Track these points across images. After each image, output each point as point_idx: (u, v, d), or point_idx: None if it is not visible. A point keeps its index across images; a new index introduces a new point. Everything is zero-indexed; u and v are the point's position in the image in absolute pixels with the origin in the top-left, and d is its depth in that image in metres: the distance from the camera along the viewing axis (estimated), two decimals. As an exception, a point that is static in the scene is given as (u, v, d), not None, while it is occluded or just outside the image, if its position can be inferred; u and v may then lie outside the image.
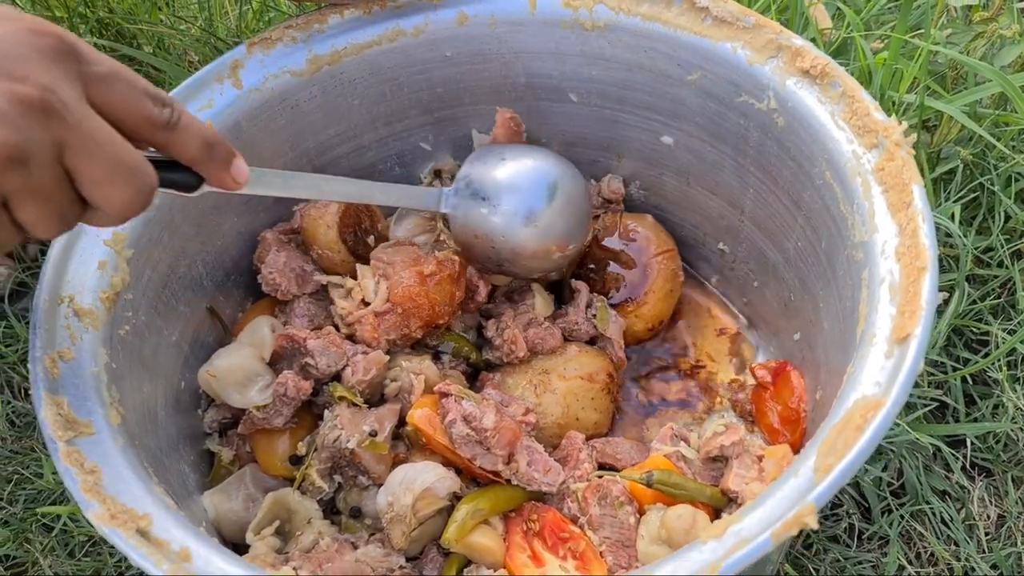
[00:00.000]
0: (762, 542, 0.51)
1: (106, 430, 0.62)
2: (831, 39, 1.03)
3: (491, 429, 0.75)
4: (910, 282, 0.61)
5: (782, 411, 0.85)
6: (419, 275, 0.82)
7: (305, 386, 0.79)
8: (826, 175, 0.73)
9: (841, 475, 0.52)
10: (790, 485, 0.54)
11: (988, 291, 0.94)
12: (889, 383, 0.57)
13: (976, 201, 0.98)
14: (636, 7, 0.83)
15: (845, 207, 0.71)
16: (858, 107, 0.71)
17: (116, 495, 0.57)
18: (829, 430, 0.56)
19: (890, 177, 0.67)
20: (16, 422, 0.97)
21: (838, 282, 0.74)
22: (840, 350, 0.73)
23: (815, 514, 0.51)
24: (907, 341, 0.58)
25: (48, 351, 0.64)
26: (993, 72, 0.89)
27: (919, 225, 0.63)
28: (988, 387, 0.93)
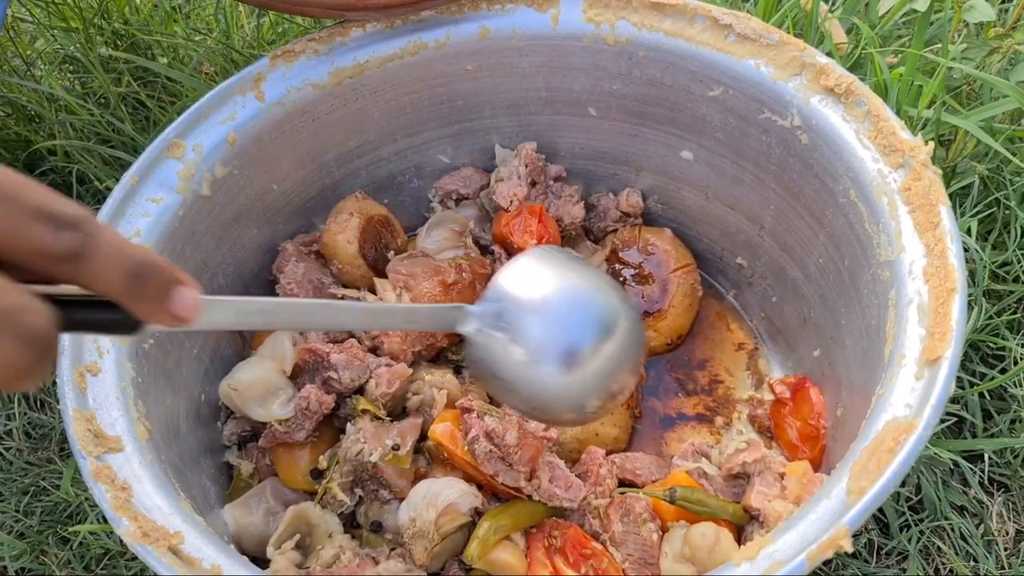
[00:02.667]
0: (797, 565, 0.51)
1: (134, 445, 0.62)
2: (846, 54, 1.03)
3: (514, 445, 0.75)
4: (939, 304, 0.61)
5: (801, 427, 0.85)
6: (442, 284, 0.83)
7: (328, 400, 0.79)
8: (851, 193, 0.73)
9: (875, 498, 0.52)
10: (823, 507, 0.54)
11: (1005, 306, 0.94)
12: (920, 405, 0.57)
13: (992, 216, 0.98)
14: (659, 23, 0.84)
15: (870, 226, 0.71)
16: (883, 126, 0.71)
17: (147, 512, 0.57)
18: (861, 452, 0.56)
19: (917, 197, 0.67)
20: (32, 433, 0.97)
21: (862, 301, 0.74)
22: (863, 368, 0.73)
23: (849, 537, 0.51)
24: (938, 363, 0.58)
25: (76, 365, 0.64)
26: (1010, 88, 0.90)
27: (947, 246, 0.63)
28: (1005, 402, 0.92)
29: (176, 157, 0.78)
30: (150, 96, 1.13)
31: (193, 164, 0.79)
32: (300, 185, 0.90)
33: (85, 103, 1.11)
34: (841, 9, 1.09)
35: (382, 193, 0.96)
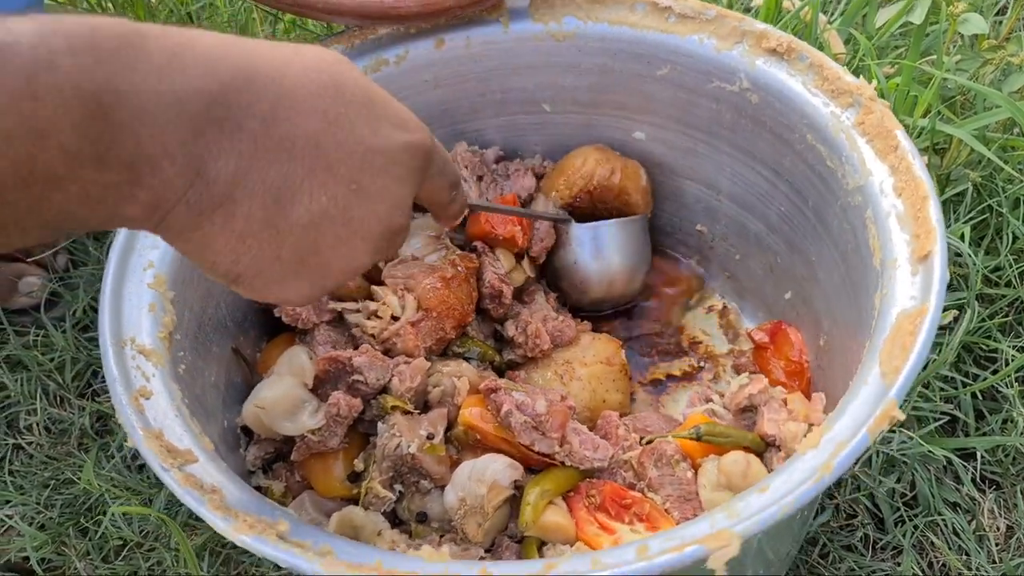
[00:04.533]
0: (860, 440, 0.57)
1: (205, 456, 0.63)
2: (843, 63, 1.10)
3: (544, 414, 0.79)
4: (916, 211, 0.69)
5: (786, 365, 0.92)
6: (442, 280, 0.87)
7: (356, 403, 0.81)
8: (807, 139, 0.81)
9: (911, 370, 0.59)
10: (864, 392, 0.61)
11: (997, 309, 1.02)
12: (924, 294, 0.64)
13: (985, 222, 1.06)
14: (602, 14, 0.91)
15: (832, 162, 0.79)
16: (828, 73, 0.80)
17: (245, 510, 0.58)
18: (882, 342, 0.63)
19: (872, 128, 0.76)
20: (52, 428, 1.00)
21: (832, 232, 0.82)
22: (845, 292, 0.81)
23: (899, 408, 0.58)
24: (929, 258, 0.66)
25: (130, 390, 0.65)
26: (1002, 98, 0.97)
27: (911, 162, 0.72)
28: (997, 402, 1.00)
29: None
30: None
31: (189, 195, 0.80)
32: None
33: None
34: (840, 20, 1.16)
35: (355, 211, 0.99)
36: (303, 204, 0.49)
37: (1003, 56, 1.02)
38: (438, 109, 0.97)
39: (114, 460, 0.95)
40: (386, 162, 0.52)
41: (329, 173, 0.50)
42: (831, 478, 0.56)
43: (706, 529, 0.56)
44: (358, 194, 0.51)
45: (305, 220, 0.50)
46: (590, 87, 0.95)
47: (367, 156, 0.51)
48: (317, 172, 0.49)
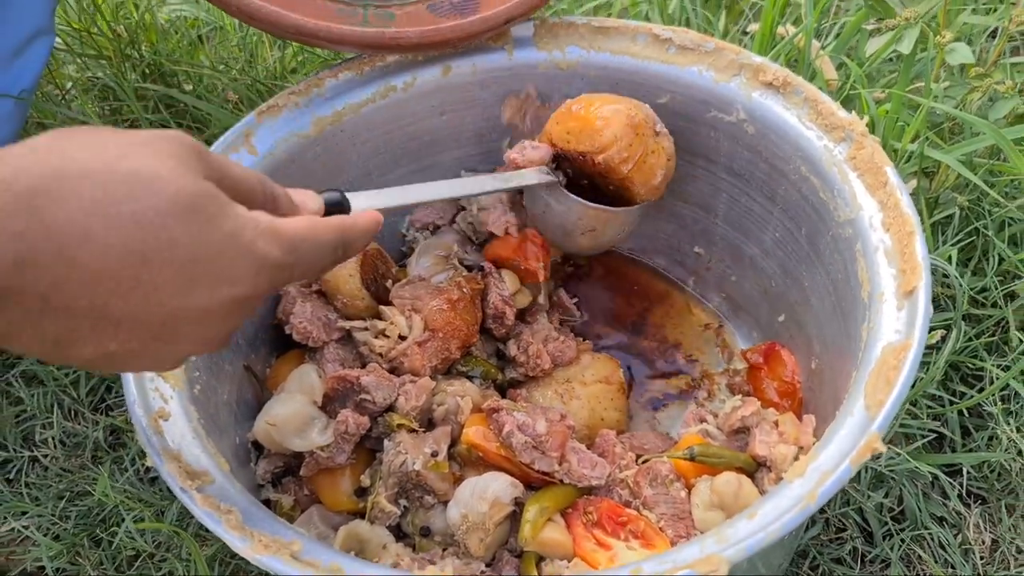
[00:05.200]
0: (843, 471, 0.60)
1: (221, 476, 0.66)
2: (835, 90, 1.12)
3: (544, 434, 0.82)
4: (903, 246, 0.72)
5: (779, 386, 0.95)
6: (448, 302, 0.90)
7: (364, 421, 0.84)
8: (801, 170, 0.84)
9: (893, 404, 0.62)
10: (849, 423, 0.64)
11: (983, 329, 1.05)
12: (909, 329, 0.67)
13: (972, 244, 1.09)
14: (605, 44, 0.94)
15: (825, 194, 0.82)
16: (822, 108, 0.83)
17: (260, 529, 0.61)
18: (867, 375, 0.66)
19: (863, 163, 0.79)
20: (66, 442, 1.03)
21: (824, 260, 0.85)
22: (835, 319, 0.84)
23: (881, 441, 0.61)
24: (914, 293, 0.69)
25: (149, 412, 0.68)
26: (987, 126, 1.00)
27: (899, 198, 0.75)
28: (983, 420, 1.02)
29: (187, 215, 0.83)
30: (179, 124, 1.17)
31: (204, 220, 0.83)
32: (292, 231, 0.95)
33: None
34: (833, 46, 1.19)
35: (363, 231, 1.02)
36: (88, 349, 0.49)
37: (989, 84, 1.04)
38: (443, 134, 1.00)
39: (127, 474, 0.99)
40: (198, 316, 0.51)
41: (119, 328, 0.49)
42: (815, 506, 0.59)
43: (696, 554, 0.59)
44: (159, 339, 0.51)
45: (94, 357, 0.50)
46: (592, 113, 0.98)
47: (169, 317, 0.50)
48: (105, 328, 0.48)
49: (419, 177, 1.03)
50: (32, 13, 0.90)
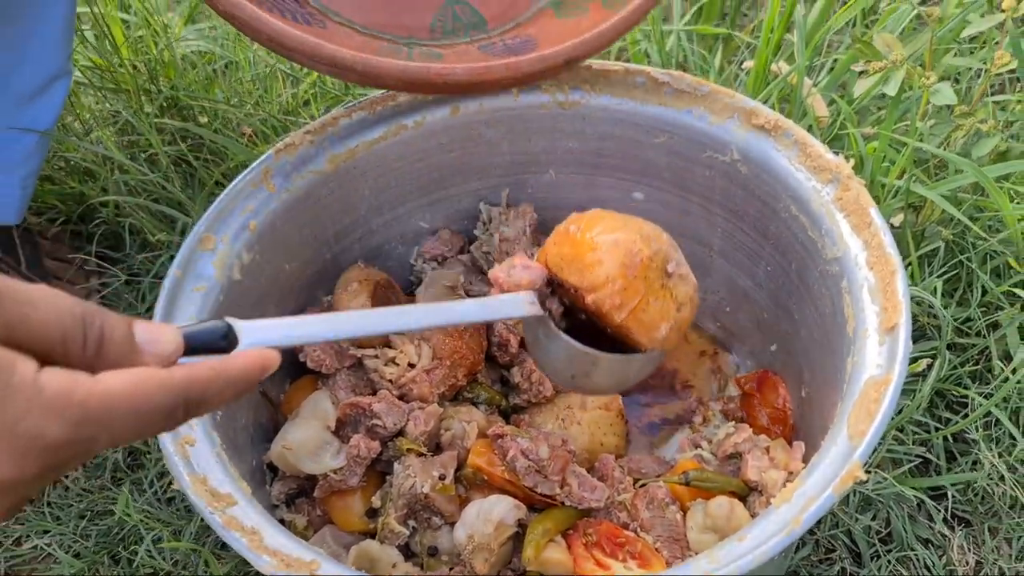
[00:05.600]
0: (827, 497, 0.64)
1: (244, 499, 0.70)
2: (826, 127, 1.16)
3: (547, 459, 0.86)
4: (885, 284, 0.77)
5: (770, 413, 0.99)
6: (455, 332, 0.94)
7: (374, 446, 0.88)
8: (791, 209, 0.89)
9: (874, 435, 0.67)
10: (832, 453, 0.68)
11: (968, 358, 1.09)
12: (890, 363, 0.72)
13: (957, 275, 1.13)
14: (607, 88, 0.98)
15: (813, 233, 0.87)
16: (811, 151, 0.88)
17: (280, 549, 0.65)
18: (851, 406, 0.71)
19: (849, 204, 0.83)
20: (87, 463, 1.08)
21: (812, 295, 0.90)
22: (823, 350, 0.88)
23: (862, 469, 0.65)
24: (895, 329, 0.73)
25: (176, 439, 0.73)
26: (968, 164, 1.04)
27: (882, 239, 0.79)
28: (967, 445, 1.06)
29: (209, 250, 0.88)
30: (196, 156, 1.22)
31: (225, 253, 0.88)
32: (306, 263, 1.00)
33: (134, 160, 1.20)
34: (825, 83, 1.23)
35: (373, 261, 1.07)
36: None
37: (973, 123, 1.09)
38: (450, 169, 1.05)
39: (146, 495, 1.03)
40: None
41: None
42: (800, 531, 0.63)
43: (690, 574, 0.64)
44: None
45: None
46: (593, 151, 1.03)
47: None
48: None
49: (427, 209, 1.08)
50: (51, 57, 0.95)
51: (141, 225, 1.18)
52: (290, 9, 0.76)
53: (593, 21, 0.82)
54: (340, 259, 1.04)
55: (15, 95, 0.95)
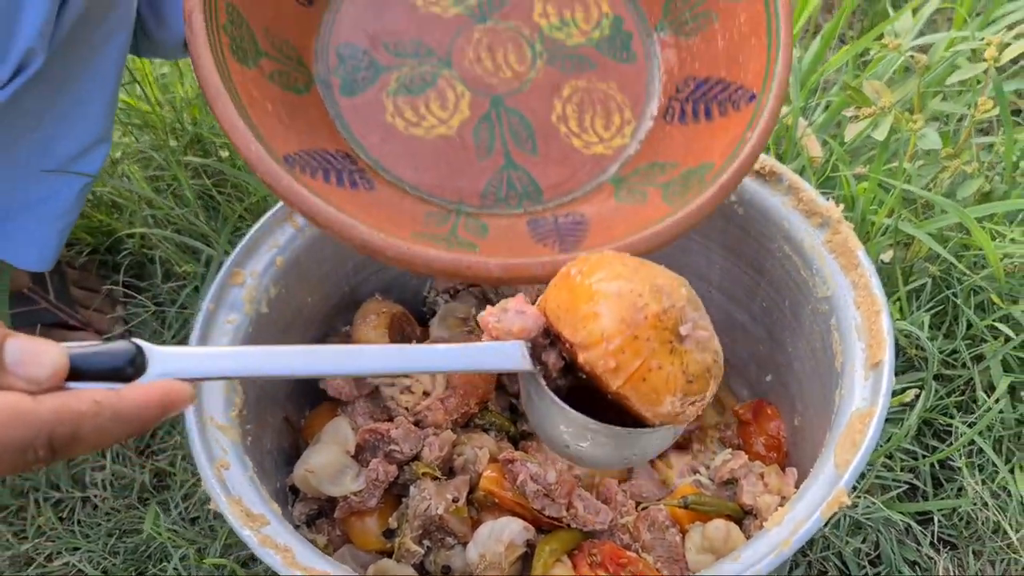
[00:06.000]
0: (814, 521, 0.70)
1: (276, 519, 0.76)
2: (819, 167, 1.22)
3: (554, 483, 0.92)
4: (871, 323, 0.83)
5: (766, 440, 1.05)
6: (469, 364, 1.00)
7: (392, 470, 0.94)
8: (785, 249, 0.95)
9: (858, 464, 0.72)
10: (821, 479, 0.74)
11: (954, 388, 1.15)
12: (874, 397, 0.78)
13: (944, 310, 1.18)
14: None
15: (805, 272, 0.92)
16: (803, 195, 0.94)
17: (311, 565, 0.71)
18: (838, 437, 0.77)
19: (838, 247, 0.89)
20: (115, 484, 1.13)
21: (804, 330, 0.95)
22: (814, 382, 0.94)
23: (847, 495, 0.71)
24: (879, 365, 0.79)
25: (213, 463, 0.78)
26: (951, 206, 1.09)
27: (869, 280, 0.85)
28: (953, 472, 1.12)
29: (238, 284, 0.94)
30: (220, 191, 1.27)
31: (254, 287, 0.94)
32: (326, 296, 1.06)
33: (159, 194, 1.26)
34: (819, 123, 1.28)
35: (389, 294, 1.12)
36: None
37: (958, 165, 1.15)
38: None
39: (171, 515, 1.08)
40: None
41: None
42: (790, 552, 0.69)
43: (689, 592, 0.69)
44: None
45: None
46: (598, 191, 1.09)
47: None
48: None
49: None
50: (97, 125, 1.01)
51: (167, 256, 1.24)
52: (337, 168, 0.74)
53: (647, 216, 0.75)
54: (358, 292, 1.09)
55: (57, 160, 1.01)
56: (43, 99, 0.96)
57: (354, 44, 0.80)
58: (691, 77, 0.83)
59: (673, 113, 0.82)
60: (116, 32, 0.96)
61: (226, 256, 1.08)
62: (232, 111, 0.62)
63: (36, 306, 1.23)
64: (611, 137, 0.83)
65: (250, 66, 0.70)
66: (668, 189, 0.76)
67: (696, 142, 0.79)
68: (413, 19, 0.82)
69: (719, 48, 0.81)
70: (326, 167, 0.72)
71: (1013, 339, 1.12)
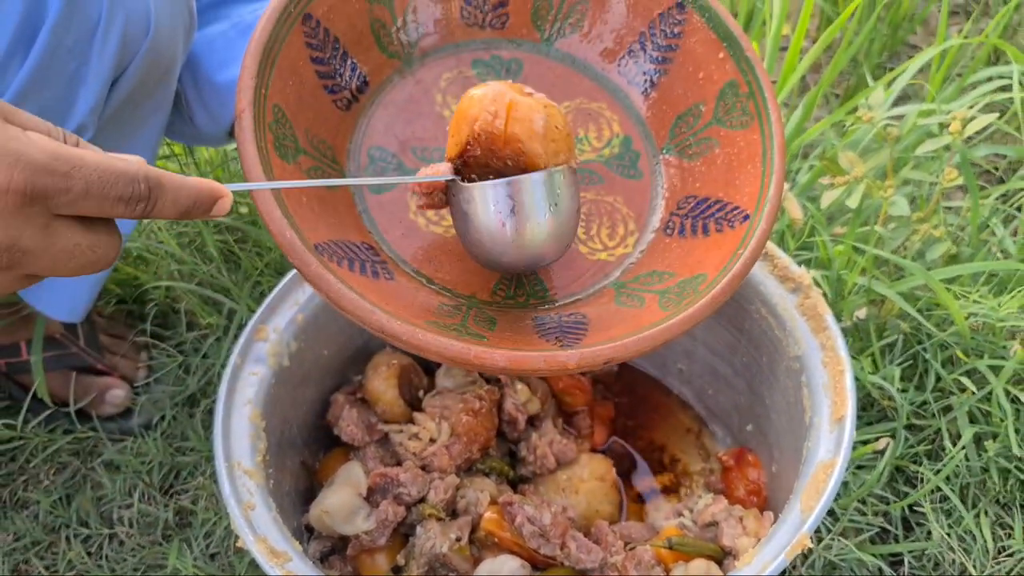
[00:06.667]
0: (780, 562, 0.78)
1: (298, 556, 0.84)
2: (799, 230, 1.30)
3: (549, 524, 1.00)
4: (836, 381, 0.91)
5: (746, 486, 1.13)
6: (471, 411, 1.08)
7: (400, 511, 1.02)
8: (761, 311, 1.04)
9: (821, 511, 0.81)
10: (787, 524, 0.82)
11: (924, 438, 1.22)
12: (837, 449, 0.86)
13: (915, 363, 1.26)
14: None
15: (779, 332, 1.01)
16: (778, 263, 1.03)
17: (329, 598, 0.79)
18: (804, 485, 0.85)
19: (808, 310, 0.98)
20: (140, 521, 1.21)
21: (780, 385, 1.04)
22: (789, 433, 1.02)
23: (810, 539, 0.79)
24: (842, 420, 0.88)
25: (240, 503, 0.87)
26: (918, 269, 1.18)
27: (835, 342, 0.94)
28: (922, 516, 1.19)
29: (263, 339, 1.03)
30: (241, 248, 1.36)
31: (276, 343, 1.03)
32: (341, 348, 1.15)
33: (184, 250, 1.35)
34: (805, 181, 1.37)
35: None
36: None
37: (927, 229, 1.25)
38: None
39: (193, 551, 1.16)
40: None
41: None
42: (758, 589, 0.77)
43: (668, 624, 0.77)
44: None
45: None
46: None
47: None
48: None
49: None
50: None
51: (191, 308, 1.33)
52: (361, 259, 0.79)
53: (644, 320, 0.80)
54: (370, 344, 1.18)
55: None
56: None
57: (384, 147, 0.88)
58: (692, 196, 0.89)
59: (674, 227, 0.88)
60: (156, 112, 1.06)
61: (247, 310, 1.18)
62: (271, 201, 0.71)
63: (67, 351, 1.32)
64: (615, 246, 0.88)
65: (290, 162, 0.78)
66: (664, 296, 0.82)
67: (693, 255, 0.85)
68: (440, 128, 0.90)
69: (719, 171, 0.88)
70: (351, 257, 0.78)
71: (977, 393, 1.21)
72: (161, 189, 0.59)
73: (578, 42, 0.96)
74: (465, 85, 0.92)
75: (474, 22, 0.95)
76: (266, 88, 0.78)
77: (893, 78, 1.48)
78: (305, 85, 0.84)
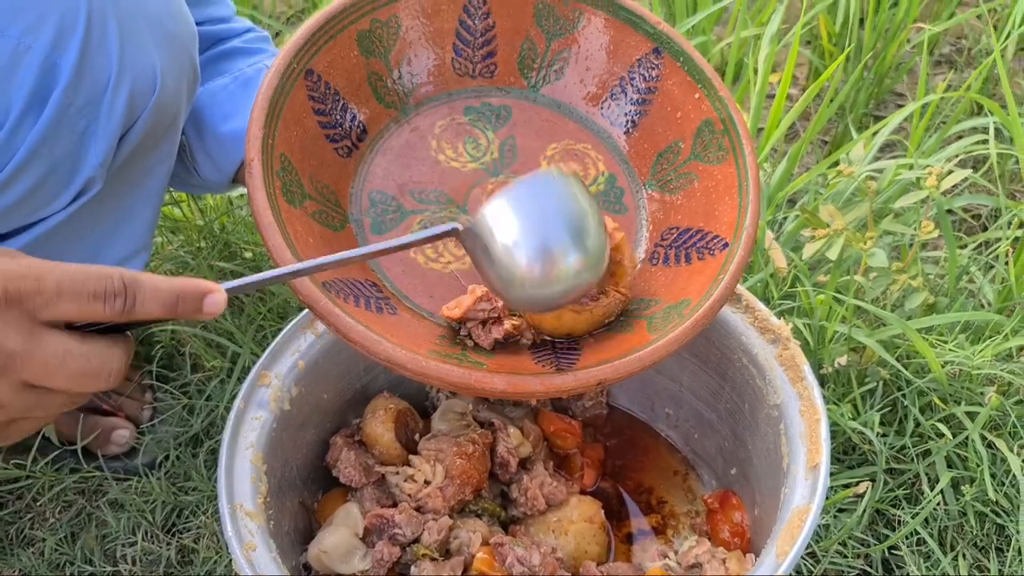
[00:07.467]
0: (756, 605, 0.82)
1: (297, 596, 0.88)
2: (783, 278, 1.35)
3: (539, 564, 1.04)
4: (812, 430, 0.96)
5: (730, 527, 1.17)
6: (464, 455, 1.12)
7: (395, 551, 1.06)
8: (743, 360, 1.09)
9: (795, 556, 0.85)
10: (763, 567, 0.86)
11: (903, 481, 1.27)
12: (811, 495, 0.90)
13: (895, 409, 1.31)
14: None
15: (760, 381, 1.06)
16: (759, 314, 1.08)
17: (326, 637, 0.83)
18: (780, 531, 0.89)
19: (787, 361, 1.03)
20: (142, 559, 1.24)
21: (761, 431, 1.08)
22: (769, 478, 1.07)
23: (783, 582, 0.83)
24: (817, 468, 0.92)
25: (242, 544, 0.91)
26: (895, 319, 1.23)
27: (812, 392, 0.99)
28: (902, 558, 1.23)
29: (265, 385, 1.07)
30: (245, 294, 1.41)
31: (278, 388, 1.07)
32: (341, 393, 1.19)
33: None
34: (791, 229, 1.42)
35: (396, 390, 1.25)
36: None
37: (905, 279, 1.30)
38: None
39: (194, 590, 1.20)
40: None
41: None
42: (735, 631, 0.81)
43: (649, 664, 0.81)
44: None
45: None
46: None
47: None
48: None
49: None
50: (139, 236, 1.15)
51: (196, 351, 1.38)
52: (366, 295, 0.84)
53: (634, 343, 0.84)
54: (368, 388, 1.23)
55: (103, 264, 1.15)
56: (95, 216, 1.10)
57: (384, 191, 0.94)
58: (674, 227, 0.95)
59: (658, 257, 0.95)
60: (162, 162, 1.11)
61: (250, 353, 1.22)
62: (281, 243, 0.76)
63: None
64: None
65: (296, 206, 0.84)
66: (652, 321, 0.88)
67: (677, 283, 0.91)
68: (436, 172, 0.96)
69: (698, 203, 0.94)
70: (356, 293, 0.84)
71: (954, 439, 1.25)
72: (138, 285, 0.60)
73: (563, 88, 1.02)
74: (458, 131, 0.99)
75: (465, 72, 1.01)
76: (273, 138, 0.84)
77: (876, 131, 1.54)
78: (309, 134, 0.90)
